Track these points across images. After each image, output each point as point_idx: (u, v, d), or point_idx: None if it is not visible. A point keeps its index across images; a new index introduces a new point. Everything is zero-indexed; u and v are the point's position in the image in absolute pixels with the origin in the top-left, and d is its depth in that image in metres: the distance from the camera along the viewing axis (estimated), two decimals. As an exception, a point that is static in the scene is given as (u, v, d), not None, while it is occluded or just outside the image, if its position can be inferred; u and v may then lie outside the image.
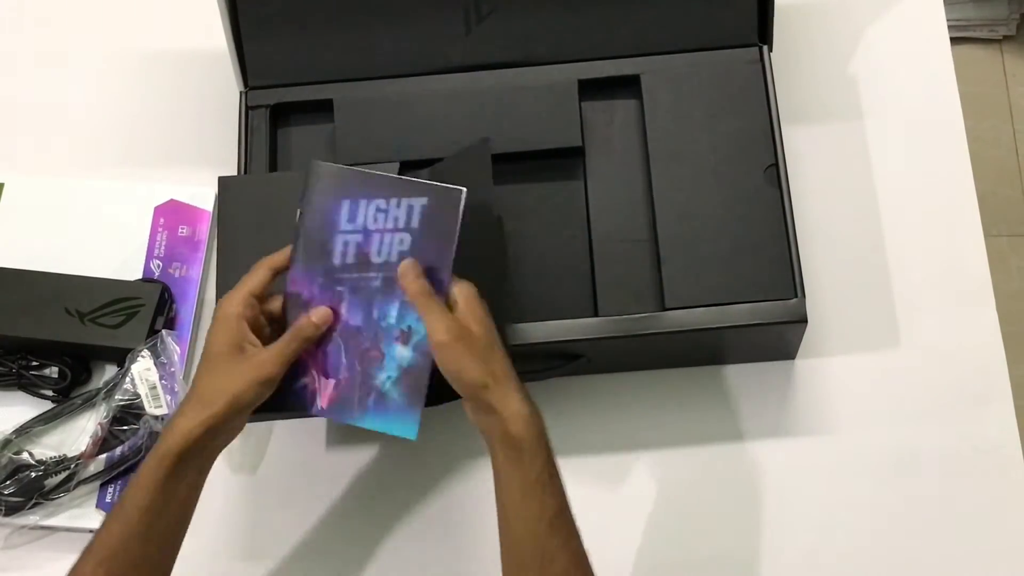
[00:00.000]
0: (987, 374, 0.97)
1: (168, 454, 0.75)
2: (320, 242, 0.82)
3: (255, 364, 0.77)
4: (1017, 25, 1.97)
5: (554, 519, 0.74)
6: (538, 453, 0.75)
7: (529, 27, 0.98)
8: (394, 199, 0.81)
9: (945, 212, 1.02)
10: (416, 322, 0.80)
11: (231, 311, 0.78)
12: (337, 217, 0.82)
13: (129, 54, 1.13)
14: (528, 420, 0.75)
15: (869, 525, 0.93)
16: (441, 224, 0.80)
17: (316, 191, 0.82)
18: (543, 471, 0.75)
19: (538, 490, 0.74)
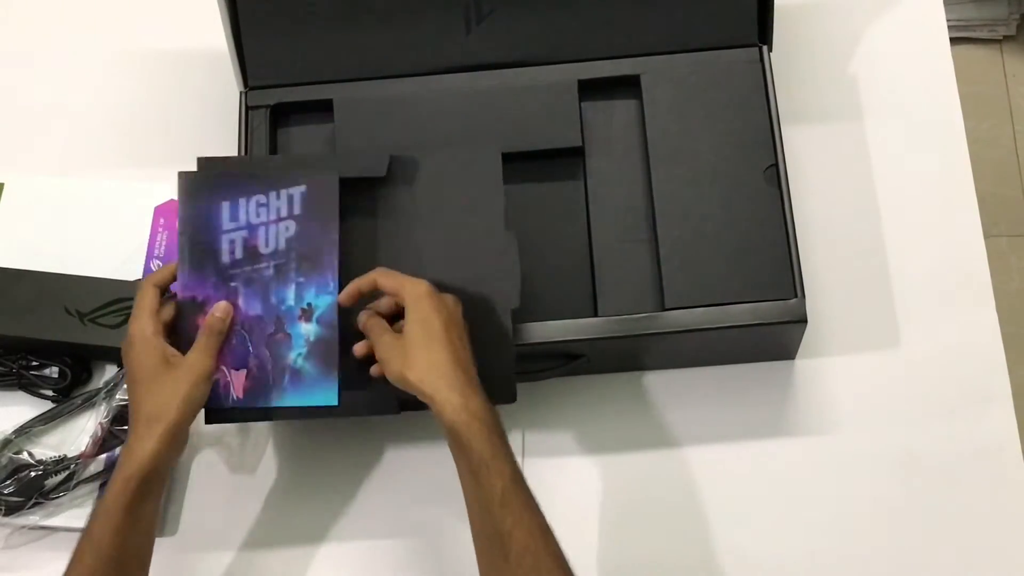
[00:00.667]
0: (987, 374, 0.97)
1: (132, 477, 0.78)
2: (205, 245, 0.86)
3: (188, 366, 0.82)
4: (1017, 25, 1.97)
5: (504, 495, 0.76)
6: (474, 437, 0.76)
7: (529, 27, 0.98)
8: (272, 192, 0.86)
9: (945, 212, 1.02)
10: (315, 298, 0.86)
11: (146, 332, 0.82)
12: (218, 219, 0.86)
13: (129, 54, 1.13)
14: (459, 407, 0.77)
15: (869, 525, 0.93)
16: (322, 208, 0.86)
17: (190, 199, 0.87)
18: (483, 452, 0.76)
19: (483, 472, 0.76)
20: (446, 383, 0.78)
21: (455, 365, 0.79)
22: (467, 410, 0.77)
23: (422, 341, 0.79)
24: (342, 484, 0.96)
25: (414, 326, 0.80)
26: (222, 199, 0.86)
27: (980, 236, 1.01)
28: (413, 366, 0.79)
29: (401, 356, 0.80)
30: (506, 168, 0.95)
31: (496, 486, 0.76)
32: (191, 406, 0.81)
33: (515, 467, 0.78)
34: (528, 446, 0.96)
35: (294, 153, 0.99)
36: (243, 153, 0.97)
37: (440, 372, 0.78)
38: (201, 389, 0.82)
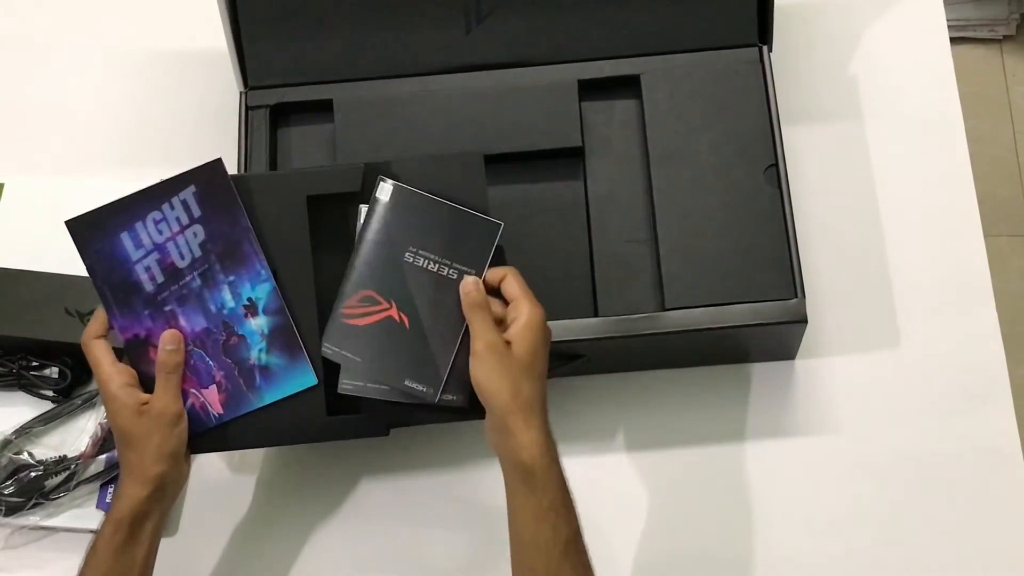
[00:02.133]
0: (987, 374, 0.97)
1: (122, 522, 0.79)
2: (122, 283, 0.84)
3: (157, 413, 0.81)
4: (1017, 25, 1.97)
5: (567, 546, 0.75)
6: (551, 480, 0.76)
7: (529, 27, 0.98)
8: (164, 204, 0.83)
9: (945, 212, 1.02)
10: (252, 291, 0.83)
11: (112, 388, 0.81)
12: (124, 252, 0.84)
13: (129, 54, 1.13)
14: (543, 448, 0.76)
15: (869, 525, 0.93)
16: (219, 199, 0.83)
17: (88, 244, 0.84)
18: (556, 498, 0.76)
19: (551, 517, 0.75)
20: (536, 422, 0.76)
21: (543, 405, 0.78)
22: (550, 454, 0.76)
23: (528, 369, 0.77)
24: (344, 484, 0.96)
25: (526, 349, 0.78)
26: (119, 231, 0.83)
27: (980, 236, 1.01)
28: (508, 389, 0.76)
29: (499, 370, 0.77)
30: (506, 168, 0.95)
31: (562, 534, 0.75)
32: (168, 454, 0.80)
33: (580, 523, 0.77)
34: (528, 446, 0.96)
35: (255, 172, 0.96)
36: (242, 153, 0.97)
37: (532, 408, 0.77)
38: (174, 433, 0.81)
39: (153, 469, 0.79)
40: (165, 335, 0.82)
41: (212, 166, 0.84)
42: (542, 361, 0.79)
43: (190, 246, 0.83)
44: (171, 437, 0.80)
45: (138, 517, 0.79)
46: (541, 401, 0.78)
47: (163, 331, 0.83)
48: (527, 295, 0.80)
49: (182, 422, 0.82)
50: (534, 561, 0.75)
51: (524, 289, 0.80)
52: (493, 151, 0.96)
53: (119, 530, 0.78)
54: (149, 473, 0.79)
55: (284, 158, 0.99)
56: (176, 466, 0.81)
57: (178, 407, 0.81)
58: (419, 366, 0.83)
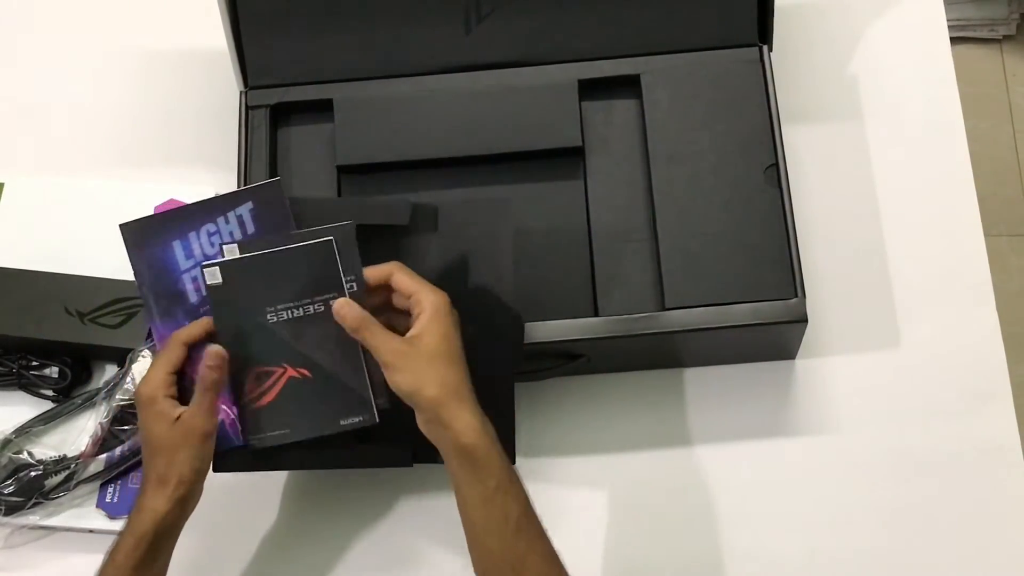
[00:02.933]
0: (987, 374, 0.97)
1: (145, 536, 0.78)
2: (167, 292, 0.84)
3: (188, 429, 0.80)
4: (1017, 25, 1.97)
5: (518, 522, 0.75)
6: (492, 460, 0.76)
7: (529, 27, 0.98)
8: (220, 217, 0.84)
9: (945, 212, 1.02)
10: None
11: (154, 393, 0.80)
12: (173, 260, 0.84)
13: (129, 54, 1.13)
14: (480, 431, 0.76)
15: (869, 525, 0.93)
16: (274, 219, 0.84)
17: (140, 250, 0.84)
18: (501, 478, 0.76)
19: (499, 497, 0.75)
20: (467, 406, 0.76)
21: (469, 388, 0.78)
22: (487, 434, 0.76)
23: (443, 358, 0.77)
24: (345, 483, 0.96)
25: (434, 339, 0.77)
26: (172, 239, 0.84)
27: (980, 236, 1.01)
28: (431, 383, 0.76)
29: (416, 369, 0.77)
30: (506, 168, 0.95)
31: (512, 511, 0.75)
32: (197, 468, 0.80)
33: (527, 495, 0.77)
34: (528, 446, 0.95)
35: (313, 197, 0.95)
36: (242, 153, 0.97)
37: (459, 394, 0.77)
38: (204, 448, 0.80)
39: (181, 481, 0.79)
40: (210, 350, 0.81)
41: (271, 186, 0.84)
42: (456, 345, 0.78)
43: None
44: (201, 454, 0.80)
45: (160, 532, 0.78)
46: (466, 384, 0.77)
47: (202, 346, 0.82)
48: (424, 285, 0.80)
49: (210, 441, 0.81)
50: (490, 543, 0.76)
51: (419, 281, 0.80)
52: (493, 151, 0.96)
53: (140, 545, 0.78)
54: (176, 485, 0.79)
55: (284, 158, 0.99)
56: (200, 482, 0.81)
57: (209, 426, 0.80)
58: (343, 403, 0.83)
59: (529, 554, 0.75)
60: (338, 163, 0.97)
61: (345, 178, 0.97)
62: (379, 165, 0.97)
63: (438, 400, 0.76)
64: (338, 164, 0.97)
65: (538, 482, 0.95)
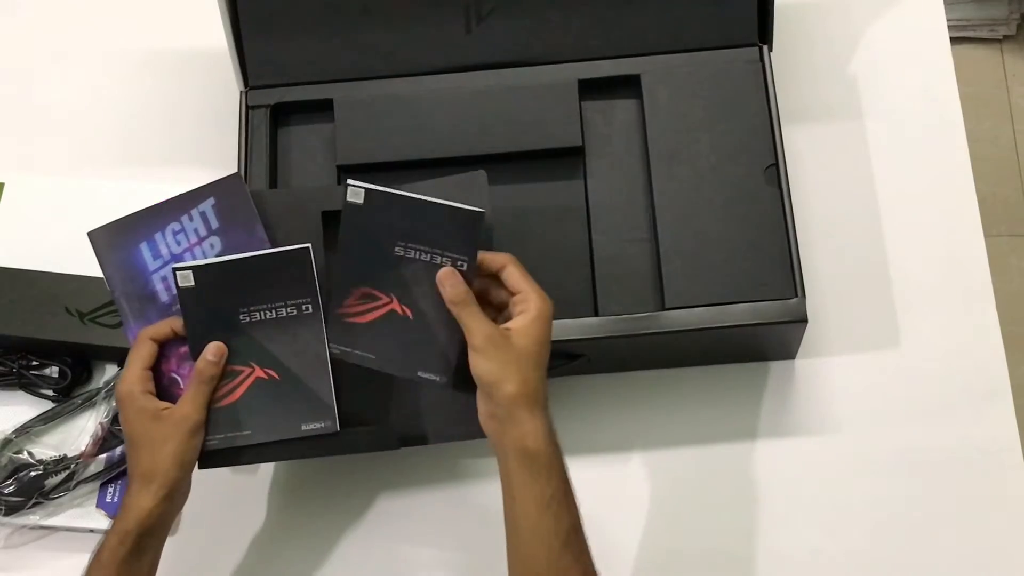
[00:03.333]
0: (987, 374, 0.97)
1: (129, 533, 0.78)
2: (139, 295, 0.84)
3: (177, 420, 0.80)
4: (1017, 25, 1.97)
5: (568, 536, 0.75)
6: (554, 468, 0.76)
7: (529, 27, 0.98)
8: (183, 216, 0.84)
9: (945, 212, 1.02)
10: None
11: (131, 389, 0.81)
12: (141, 262, 0.84)
13: (129, 54, 1.13)
14: (548, 436, 0.76)
15: (870, 525, 0.93)
16: (237, 213, 0.84)
17: (108, 254, 0.84)
18: (559, 487, 0.76)
19: (554, 506, 0.75)
20: (540, 411, 0.77)
21: (546, 395, 0.78)
22: (554, 442, 0.76)
23: (532, 359, 0.77)
24: (348, 484, 0.96)
25: (530, 339, 0.77)
26: (139, 242, 0.84)
27: (980, 236, 1.01)
28: (514, 379, 0.76)
29: (504, 361, 0.76)
30: (506, 168, 0.95)
31: (564, 522, 0.75)
32: (183, 461, 0.80)
33: (580, 511, 0.77)
34: (528, 446, 0.96)
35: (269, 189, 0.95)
36: (242, 153, 0.97)
37: (537, 398, 0.77)
38: (192, 442, 0.80)
39: (166, 476, 0.78)
40: (211, 346, 0.82)
41: (231, 180, 0.85)
42: (547, 353, 0.79)
43: (207, 257, 0.84)
44: (188, 446, 0.80)
45: (145, 529, 0.78)
46: (544, 391, 0.78)
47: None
48: (534, 287, 0.80)
49: (199, 434, 0.81)
50: (535, 551, 0.75)
51: (530, 281, 0.80)
52: (493, 151, 0.96)
53: (125, 542, 0.78)
54: (161, 480, 0.78)
55: (284, 158, 0.99)
56: (187, 477, 0.81)
57: (200, 417, 0.81)
58: (429, 356, 0.82)
59: (573, 567, 0.75)
60: (338, 163, 0.97)
61: (345, 178, 0.97)
62: (379, 165, 0.97)
63: (515, 398, 0.76)
64: (338, 164, 0.97)
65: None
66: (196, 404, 0.81)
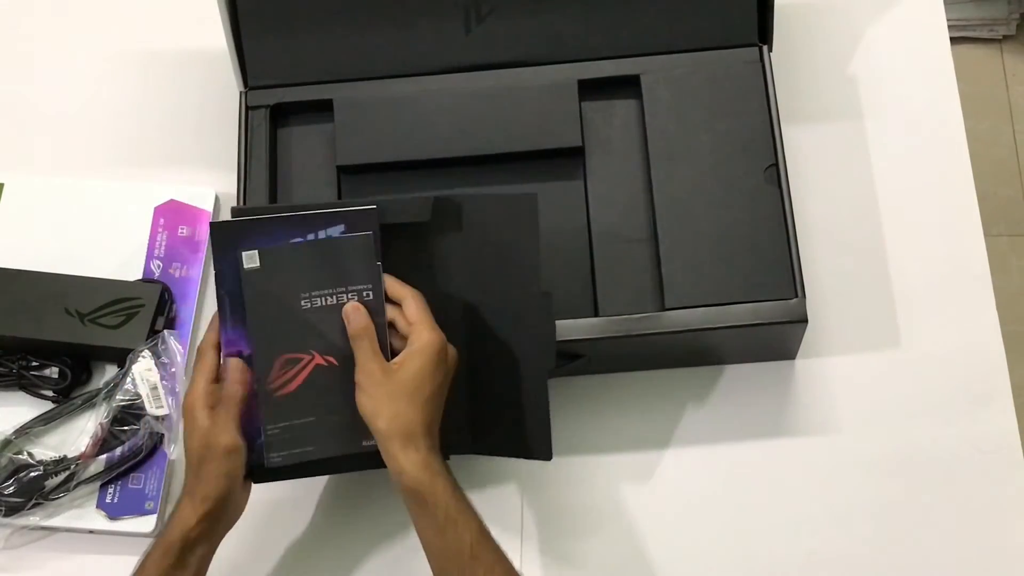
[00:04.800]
0: (987, 374, 0.97)
1: (172, 545, 0.79)
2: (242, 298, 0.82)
3: (212, 443, 0.80)
4: (1017, 25, 1.97)
5: (473, 550, 0.77)
6: (438, 495, 0.77)
7: (529, 27, 0.98)
8: (309, 233, 0.82)
9: (945, 212, 1.02)
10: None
11: (191, 405, 0.81)
12: None
13: (129, 54, 1.13)
14: (421, 467, 0.77)
15: (869, 525, 0.93)
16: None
17: (224, 250, 0.82)
18: (448, 510, 0.77)
19: (449, 528, 0.77)
20: (412, 444, 0.78)
21: (425, 430, 0.79)
22: (429, 468, 0.77)
23: (408, 395, 0.78)
24: (350, 484, 0.96)
25: (408, 374, 0.79)
26: (256, 246, 0.82)
27: (980, 236, 1.01)
28: (384, 415, 0.78)
29: (377, 397, 0.79)
30: (506, 168, 0.95)
31: (465, 539, 0.77)
32: (222, 483, 0.80)
33: (481, 520, 0.79)
34: (528, 446, 0.96)
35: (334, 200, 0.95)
36: (242, 153, 0.97)
37: (408, 433, 0.78)
38: (228, 463, 0.80)
39: (206, 494, 0.79)
40: (234, 364, 0.82)
41: (368, 213, 0.82)
42: (431, 386, 0.79)
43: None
44: (223, 467, 0.80)
45: (188, 543, 0.79)
46: (424, 426, 0.78)
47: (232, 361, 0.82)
48: (425, 321, 0.81)
49: (235, 456, 0.80)
50: (448, 568, 0.78)
51: (423, 314, 0.81)
52: (493, 151, 0.96)
53: (168, 554, 0.78)
54: (201, 497, 0.79)
55: (284, 158, 0.99)
56: (230, 495, 0.81)
57: (230, 440, 0.80)
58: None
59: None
60: (338, 163, 0.97)
61: (345, 178, 0.97)
62: (379, 165, 0.97)
63: (385, 434, 0.78)
64: (338, 164, 0.97)
65: (537, 482, 0.95)
66: (227, 426, 0.80)
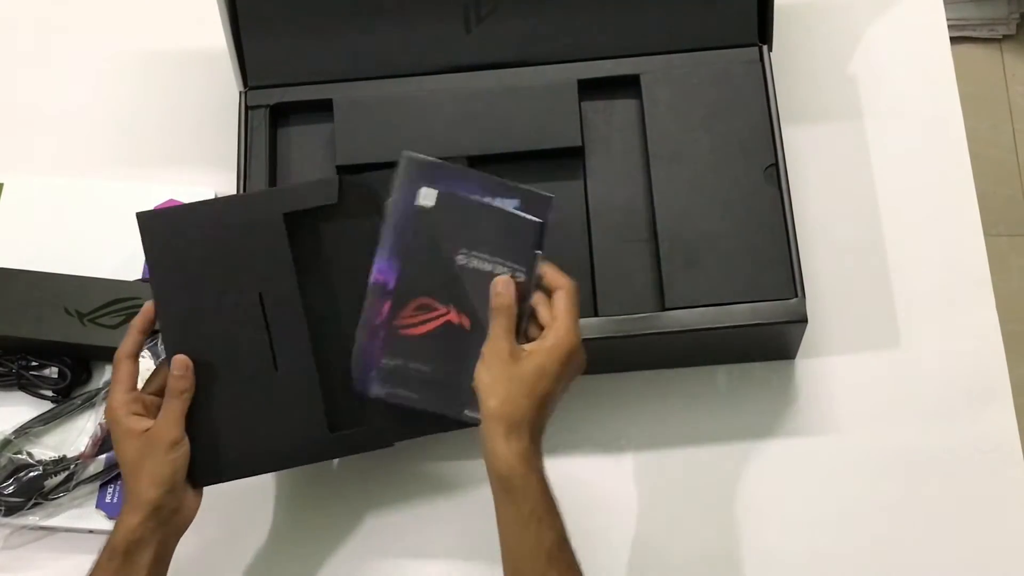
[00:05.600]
0: (987, 374, 0.97)
1: (116, 549, 0.78)
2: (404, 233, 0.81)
3: (153, 439, 0.79)
4: (1017, 25, 1.97)
5: (551, 552, 0.75)
6: (529, 488, 0.76)
7: (529, 27, 0.98)
8: (487, 196, 0.82)
9: (945, 212, 1.02)
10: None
11: (116, 414, 0.80)
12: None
13: (129, 54, 1.13)
14: (520, 458, 0.75)
15: (869, 525, 0.93)
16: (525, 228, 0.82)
17: (409, 182, 0.82)
18: (536, 506, 0.76)
19: (533, 524, 0.75)
20: (516, 433, 0.76)
21: (532, 424, 0.77)
22: (527, 461, 0.76)
23: (530, 386, 0.77)
24: (351, 485, 0.96)
25: (535, 367, 0.77)
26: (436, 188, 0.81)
27: (980, 236, 1.01)
28: (498, 396, 0.76)
29: (497, 376, 0.77)
30: (506, 168, 0.95)
31: (547, 539, 0.75)
32: (161, 479, 0.79)
33: (565, 526, 0.77)
34: (528, 446, 0.96)
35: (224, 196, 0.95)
36: (242, 153, 0.96)
37: (513, 422, 0.76)
38: (169, 457, 0.79)
39: (146, 495, 0.78)
40: (176, 359, 0.81)
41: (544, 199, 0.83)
42: (552, 383, 0.77)
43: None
44: (164, 463, 0.79)
45: (132, 545, 0.78)
46: (530, 422, 0.77)
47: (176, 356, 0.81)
48: (567, 319, 0.79)
49: (179, 448, 0.80)
50: (522, 566, 0.76)
51: (570, 312, 0.79)
52: (493, 151, 0.96)
53: (114, 557, 0.78)
54: (142, 499, 0.78)
55: (284, 158, 0.99)
56: (172, 494, 0.79)
57: (176, 433, 0.80)
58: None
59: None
60: (338, 163, 0.97)
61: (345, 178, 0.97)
62: (379, 165, 0.96)
63: (493, 414, 0.76)
64: (338, 164, 0.97)
65: (538, 482, 0.95)
66: (170, 420, 0.80)
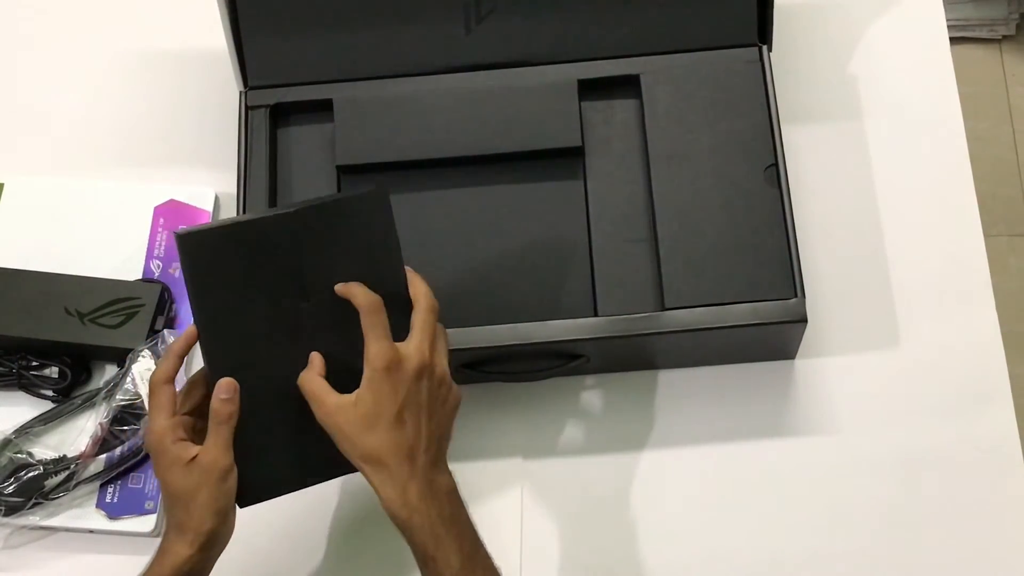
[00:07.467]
0: (987, 374, 0.97)
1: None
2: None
3: (206, 467, 0.76)
4: (1017, 25, 1.97)
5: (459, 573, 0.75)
6: (416, 531, 0.74)
7: (529, 27, 0.98)
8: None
9: (945, 212, 1.02)
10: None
11: (160, 441, 0.76)
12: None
13: (129, 54, 1.13)
14: (395, 502, 0.74)
15: (869, 525, 0.93)
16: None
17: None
18: (426, 545, 0.74)
19: (430, 564, 0.75)
20: (386, 475, 0.74)
21: (396, 453, 0.74)
22: (406, 505, 0.74)
23: (368, 421, 0.74)
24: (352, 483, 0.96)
25: (366, 401, 0.74)
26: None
27: (980, 236, 1.01)
28: (357, 446, 0.74)
29: (346, 429, 0.74)
30: (506, 168, 0.95)
31: (453, 563, 0.74)
32: (217, 509, 0.76)
33: (462, 549, 0.75)
34: (528, 446, 0.96)
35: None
36: (242, 153, 0.96)
37: (379, 463, 0.74)
38: (224, 487, 0.76)
39: (203, 526, 0.75)
40: (222, 383, 0.76)
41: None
42: (393, 410, 0.74)
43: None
44: (221, 494, 0.76)
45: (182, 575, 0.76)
46: (390, 453, 0.74)
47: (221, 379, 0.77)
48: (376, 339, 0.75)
49: (231, 477, 0.76)
50: None
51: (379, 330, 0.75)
52: (493, 151, 0.96)
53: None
54: (198, 531, 0.75)
55: (284, 158, 0.99)
56: (225, 522, 0.77)
57: (227, 461, 0.76)
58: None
59: None
60: (338, 163, 0.97)
61: (345, 178, 0.97)
62: (379, 165, 0.97)
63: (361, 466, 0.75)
64: (338, 164, 0.97)
65: (537, 482, 0.95)
66: (220, 447, 0.76)
